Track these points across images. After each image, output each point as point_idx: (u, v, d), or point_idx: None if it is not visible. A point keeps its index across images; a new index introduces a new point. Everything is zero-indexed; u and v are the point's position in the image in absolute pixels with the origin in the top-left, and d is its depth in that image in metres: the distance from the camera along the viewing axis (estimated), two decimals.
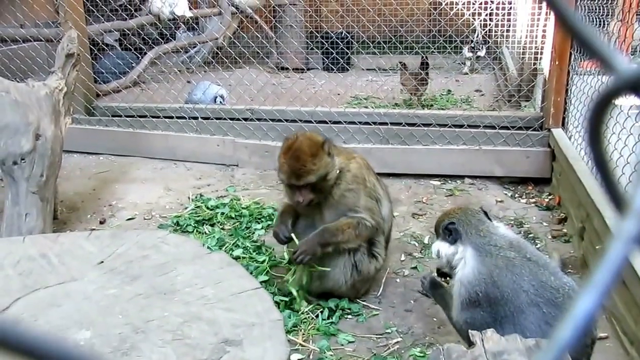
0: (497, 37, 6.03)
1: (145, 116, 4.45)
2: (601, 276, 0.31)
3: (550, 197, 3.51)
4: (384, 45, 5.45)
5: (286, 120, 4.18)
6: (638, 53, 3.41)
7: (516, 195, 3.60)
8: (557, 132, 3.63)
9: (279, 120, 4.19)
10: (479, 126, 3.87)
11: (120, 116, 4.50)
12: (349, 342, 2.25)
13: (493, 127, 3.84)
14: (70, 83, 3.30)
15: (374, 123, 4.03)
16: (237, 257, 2.75)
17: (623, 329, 2.16)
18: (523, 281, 1.78)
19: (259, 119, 4.25)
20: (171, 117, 4.40)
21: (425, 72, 5.12)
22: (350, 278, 2.42)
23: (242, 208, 3.35)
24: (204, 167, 4.17)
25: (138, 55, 5.70)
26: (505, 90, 4.81)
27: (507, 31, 5.55)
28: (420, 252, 2.94)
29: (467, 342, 1.90)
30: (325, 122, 4.09)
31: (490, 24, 5.42)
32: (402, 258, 2.89)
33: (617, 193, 0.38)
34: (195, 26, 7.35)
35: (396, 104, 5.04)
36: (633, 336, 2.06)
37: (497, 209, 3.37)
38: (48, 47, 5.40)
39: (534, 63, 4.30)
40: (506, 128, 3.83)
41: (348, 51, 5.52)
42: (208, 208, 3.37)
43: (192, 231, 3.14)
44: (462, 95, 5.39)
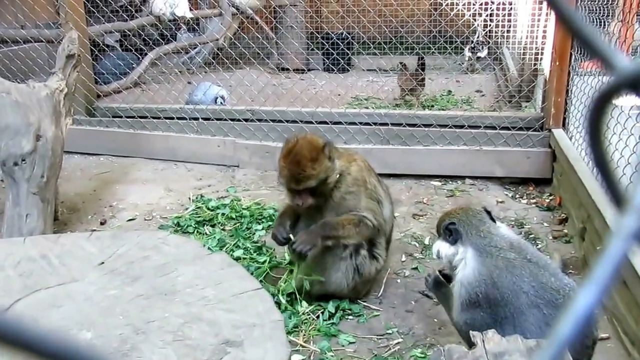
0: (498, 38, 6.03)
1: (145, 117, 4.45)
2: (601, 272, 0.31)
3: (551, 198, 3.51)
4: (385, 45, 5.45)
5: (287, 121, 4.18)
6: (639, 53, 3.40)
7: (517, 195, 3.60)
8: (558, 133, 3.62)
9: (280, 121, 4.19)
10: (480, 127, 3.87)
11: (120, 117, 4.50)
12: (350, 343, 2.25)
13: (494, 128, 3.84)
14: (70, 84, 3.30)
15: (375, 124, 4.03)
16: (238, 258, 2.75)
17: (624, 330, 2.16)
18: (523, 282, 1.78)
19: (260, 120, 4.25)
20: (172, 118, 4.40)
21: (422, 72, 5.13)
22: (351, 281, 2.42)
23: (243, 209, 3.35)
24: (205, 168, 4.17)
25: (139, 56, 5.70)
26: (505, 90, 4.81)
27: (508, 32, 5.55)
28: (421, 253, 2.94)
29: (468, 343, 1.89)
30: (325, 123, 4.09)
31: (490, 25, 5.41)
32: (403, 259, 2.89)
33: (618, 191, 0.38)
34: (195, 27, 7.35)
35: (397, 105, 5.04)
36: (634, 336, 2.06)
37: (498, 210, 3.37)
38: (49, 48, 5.40)
39: (535, 63, 4.30)
40: (507, 128, 3.83)
41: (349, 52, 5.52)
42: (209, 209, 3.37)
43: (193, 232, 3.14)
44: (463, 95, 5.38)
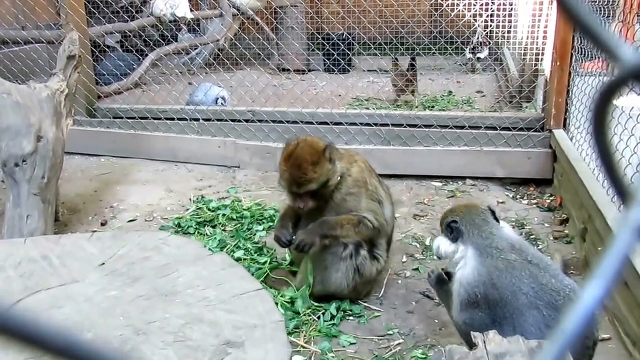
0: (498, 38, 6.02)
1: (146, 118, 4.45)
2: (607, 265, 0.31)
3: (551, 198, 3.51)
4: (385, 46, 5.45)
5: (287, 121, 4.18)
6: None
7: (517, 196, 3.60)
8: (559, 133, 3.62)
9: (280, 121, 4.19)
10: (480, 127, 3.87)
11: (121, 118, 4.50)
12: (351, 344, 2.25)
13: (494, 128, 3.84)
14: (71, 85, 3.30)
15: (375, 124, 4.03)
16: (239, 259, 2.75)
17: (625, 331, 2.15)
18: (523, 283, 1.78)
19: (260, 121, 4.25)
20: (172, 119, 4.40)
21: (412, 73, 5.14)
22: (352, 281, 2.42)
23: (244, 209, 3.35)
24: (205, 169, 4.17)
25: (139, 56, 5.70)
26: (506, 91, 4.81)
27: (508, 32, 5.55)
28: (421, 254, 2.93)
29: (467, 343, 1.90)
30: (326, 124, 4.09)
31: (491, 25, 5.41)
32: (404, 259, 2.89)
33: (622, 185, 0.37)
34: (196, 28, 7.35)
35: (397, 105, 5.04)
36: (635, 337, 2.06)
37: (499, 210, 3.36)
38: (49, 49, 5.41)
39: (535, 64, 4.29)
40: (507, 129, 3.83)
41: (349, 52, 5.52)
42: (209, 209, 3.37)
43: (194, 233, 3.14)
44: (464, 96, 5.38)
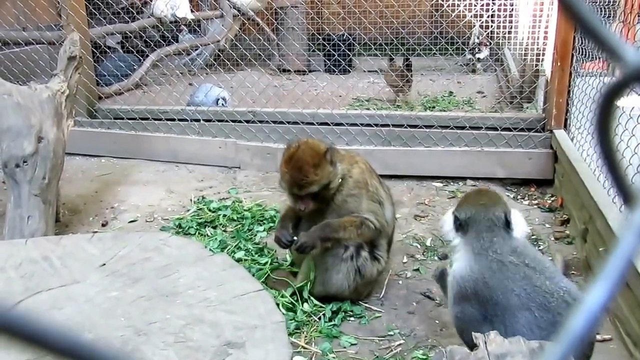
0: (499, 39, 6.02)
1: (147, 118, 4.45)
2: (613, 266, 0.30)
3: (552, 199, 3.51)
4: (386, 47, 5.45)
5: (288, 122, 4.18)
6: None
7: (518, 196, 3.60)
8: (560, 134, 3.62)
9: (281, 122, 4.19)
10: (481, 128, 3.86)
11: (122, 119, 4.51)
12: (352, 345, 2.24)
13: (495, 129, 3.84)
14: (72, 86, 3.30)
15: (376, 125, 4.03)
16: (239, 259, 2.75)
17: (627, 331, 2.15)
18: (515, 285, 1.78)
19: (261, 121, 4.25)
20: (173, 120, 4.40)
21: (408, 72, 5.16)
22: (353, 282, 2.42)
23: (244, 210, 3.35)
24: (206, 170, 4.17)
25: (140, 57, 5.70)
26: (507, 91, 4.81)
27: (509, 32, 5.55)
28: (422, 254, 2.93)
29: (460, 336, 1.92)
30: (327, 124, 4.09)
31: (492, 26, 5.41)
32: (405, 260, 2.89)
33: (625, 185, 0.37)
34: (197, 28, 7.35)
35: (398, 106, 5.04)
36: (637, 338, 2.06)
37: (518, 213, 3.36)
38: (50, 50, 5.41)
39: (536, 64, 4.29)
40: (508, 129, 3.82)
41: (350, 53, 5.52)
42: (210, 210, 3.37)
43: (194, 233, 3.14)
44: (464, 96, 5.38)
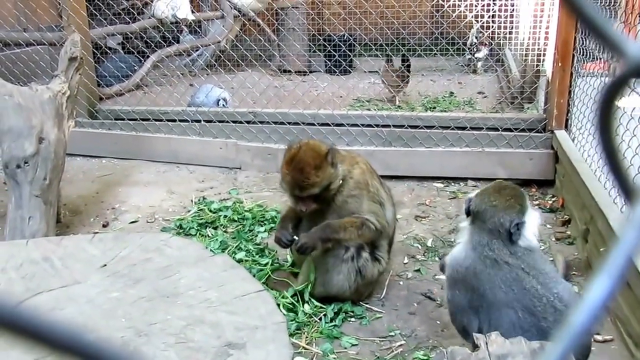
0: (500, 39, 6.02)
1: (148, 119, 4.46)
2: (614, 262, 0.30)
3: (553, 199, 3.50)
4: (387, 47, 5.45)
5: (289, 122, 4.18)
6: None
7: None
8: (560, 134, 3.62)
9: (282, 122, 4.19)
10: (482, 128, 3.86)
11: (123, 119, 4.51)
12: (352, 345, 2.24)
13: (496, 129, 3.83)
14: (73, 86, 3.31)
15: (377, 125, 4.03)
16: (240, 260, 2.75)
17: (628, 331, 2.15)
18: (503, 283, 1.80)
19: (262, 122, 4.25)
20: (174, 120, 4.40)
21: (407, 69, 5.18)
22: (354, 283, 2.42)
23: (245, 211, 3.35)
24: (207, 170, 4.17)
25: (141, 58, 5.71)
26: (508, 92, 4.81)
27: (510, 33, 5.55)
28: (423, 255, 2.93)
29: (452, 322, 1.97)
30: (327, 125, 4.09)
31: (493, 26, 5.41)
32: (405, 261, 2.89)
33: (627, 182, 0.37)
34: (197, 29, 7.36)
35: (399, 107, 5.04)
36: (638, 338, 2.05)
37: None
38: (51, 51, 5.41)
39: (537, 65, 4.29)
40: (509, 130, 3.82)
41: (350, 54, 5.52)
42: (211, 211, 3.37)
43: (195, 234, 3.14)
44: (465, 97, 5.38)
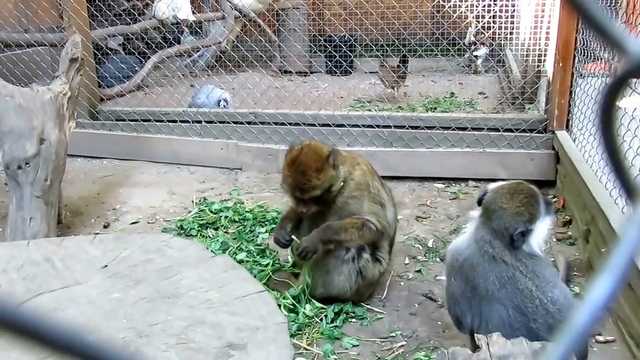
0: (501, 40, 6.02)
1: (148, 120, 4.46)
2: (617, 260, 0.30)
3: (554, 200, 3.50)
4: (387, 48, 5.44)
5: (289, 123, 4.18)
6: None
7: None
8: (561, 135, 3.61)
9: (282, 123, 4.19)
10: (483, 129, 3.86)
11: (124, 120, 4.51)
12: (353, 346, 2.24)
13: (497, 130, 3.83)
14: (74, 87, 3.31)
15: (377, 126, 4.02)
16: (241, 261, 2.75)
17: (629, 332, 2.14)
18: (497, 280, 1.80)
19: (263, 123, 4.25)
20: (175, 121, 4.40)
21: (404, 67, 5.19)
22: (354, 284, 2.42)
23: (246, 211, 3.35)
24: (208, 171, 4.17)
25: (142, 59, 5.72)
26: (509, 92, 4.81)
27: (511, 33, 5.54)
28: (424, 255, 2.93)
29: (448, 311, 1.98)
30: (328, 125, 4.09)
31: (493, 27, 5.41)
32: (406, 261, 2.88)
33: (628, 180, 0.37)
34: (198, 30, 7.36)
35: (400, 107, 5.04)
36: (639, 339, 2.05)
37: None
38: (52, 52, 5.42)
39: (538, 65, 4.29)
40: (510, 130, 3.82)
41: (351, 54, 5.52)
42: (212, 212, 3.37)
43: (196, 235, 3.14)
44: (466, 97, 5.38)
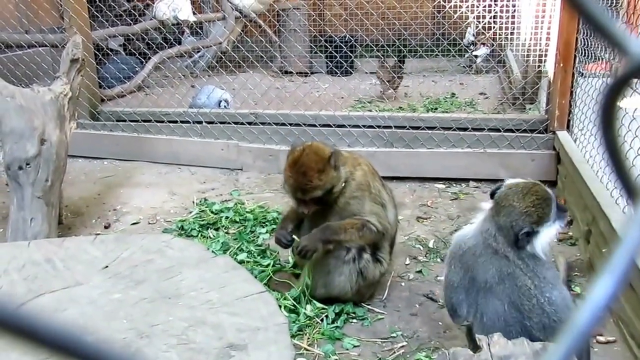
0: (501, 40, 6.02)
1: (149, 121, 4.46)
2: (617, 261, 0.30)
3: None
4: (388, 48, 5.45)
5: (290, 124, 4.18)
6: None
7: None
8: (562, 135, 3.61)
9: (283, 124, 4.19)
10: (484, 129, 3.86)
11: (124, 121, 4.51)
12: (354, 347, 2.24)
13: (498, 130, 3.83)
14: (75, 88, 3.31)
15: (378, 126, 4.02)
16: (242, 261, 2.75)
17: (631, 333, 2.14)
18: (497, 275, 1.80)
19: (263, 123, 4.25)
20: (175, 122, 4.40)
21: (401, 63, 5.22)
22: (355, 284, 2.42)
23: (247, 212, 3.35)
24: (208, 171, 4.18)
25: (142, 60, 5.72)
26: (509, 93, 4.80)
27: (511, 34, 5.54)
28: (425, 256, 2.92)
29: (444, 300, 1.98)
30: (329, 126, 4.09)
31: (494, 27, 5.40)
32: (407, 262, 2.88)
33: (629, 180, 0.37)
34: (199, 31, 7.37)
35: (400, 108, 5.04)
36: None
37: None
38: (53, 53, 5.42)
39: (539, 65, 4.29)
40: (511, 131, 3.82)
41: (352, 55, 5.52)
42: (212, 212, 3.37)
43: (197, 235, 3.14)
44: (467, 98, 5.38)
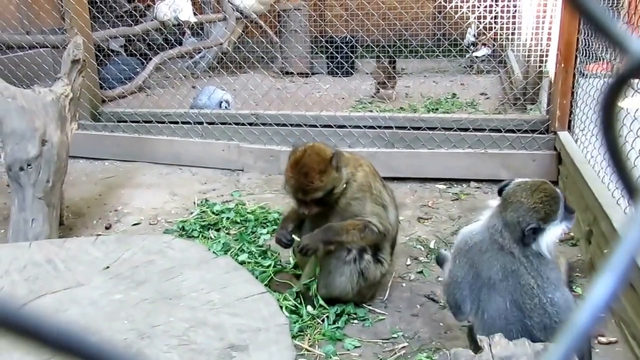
0: (502, 40, 6.01)
1: (150, 121, 4.46)
2: (618, 261, 0.30)
3: None
4: (389, 49, 5.45)
5: (291, 124, 4.18)
6: None
7: None
8: (563, 135, 3.61)
9: (284, 124, 4.19)
10: (485, 129, 3.86)
11: (125, 122, 4.52)
12: (355, 347, 2.24)
13: (499, 131, 3.83)
14: (76, 89, 3.31)
15: (379, 127, 4.02)
16: (243, 262, 2.75)
17: (632, 333, 2.14)
18: (500, 272, 1.80)
19: (264, 124, 4.26)
20: (176, 123, 4.41)
21: (392, 67, 5.26)
22: (356, 285, 2.42)
23: (248, 213, 3.35)
24: (209, 172, 4.18)
25: (143, 61, 5.72)
26: (510, 93, 4.80)
27: (512, 34, 5.54)
28: (426, 257, 2.92)
29: (446, 296, 1.98)
30: (330, 126, 4.09)
31: (495, 27, 5.40)
32: (408, 262, 2.88)
33: (630, 180, 0.37)
34: (200, 31, 7.37)
35: (401, 108, 5.04)
36: None
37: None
38: (54, 54, 5.43)
39: (540, 66, 4.29)
40: (512, 131, 3.82)
41: (352, 55, 5.52)
42: (213, 213, 3.37)
43: (198, 236, 3.14)
44: (468, 98, 5.37)
